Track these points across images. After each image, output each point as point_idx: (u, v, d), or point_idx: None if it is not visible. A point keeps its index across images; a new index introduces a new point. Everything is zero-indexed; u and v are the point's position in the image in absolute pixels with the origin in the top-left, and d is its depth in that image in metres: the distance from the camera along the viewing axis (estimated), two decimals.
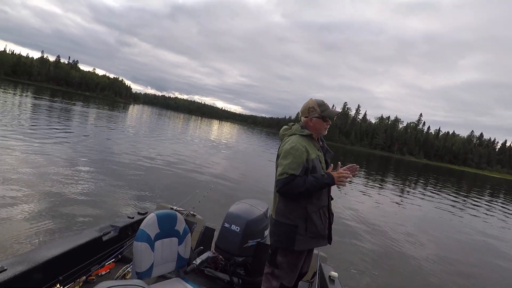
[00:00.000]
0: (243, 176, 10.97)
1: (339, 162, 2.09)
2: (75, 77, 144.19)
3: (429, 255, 6.08)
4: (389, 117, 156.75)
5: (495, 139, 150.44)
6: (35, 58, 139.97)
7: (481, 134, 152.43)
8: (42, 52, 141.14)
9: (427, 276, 5.08)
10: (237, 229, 2.69)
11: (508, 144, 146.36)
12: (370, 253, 5.60)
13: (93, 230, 2.39)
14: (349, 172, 1.93)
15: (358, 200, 10.57)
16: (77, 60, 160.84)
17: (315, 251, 2.66)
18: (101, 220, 4.38)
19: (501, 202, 20.33)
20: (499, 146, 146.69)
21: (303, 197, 1.92)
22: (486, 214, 13.44)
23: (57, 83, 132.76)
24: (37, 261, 1.79)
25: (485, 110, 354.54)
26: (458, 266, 5.90)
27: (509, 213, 15.19)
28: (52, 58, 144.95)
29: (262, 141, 40.23)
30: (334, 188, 2.00)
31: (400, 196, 14.06)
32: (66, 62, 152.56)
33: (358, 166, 2.04)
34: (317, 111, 2.06)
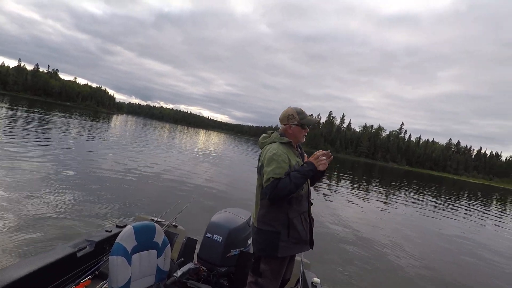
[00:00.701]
0: (227, 185, 10.87)
1: (305, 155, 2.19)
2: (55, 87, 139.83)
3: (412, 259, 6.15)
4: (372, 125, 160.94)
5: (471, 147, 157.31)
6: (11, 67, 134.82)
7: (458, 142, 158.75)
8: (19, 60, 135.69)
9: (410, 279, 5.13)
10: (219, 238, 2.64)
11: (483, 151, 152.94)
12: (353, 258, 5.62)
13: (67, 246, 2.26)
14: (324, 152, 2.01)
15: (342, 206, 10.66)
16: (57, 69, 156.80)
17: (298, 257, 2.65)
18: (77, 235, 4.20)
19: (478, 205, 21.13)
20: (475, 153, 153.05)
21: (287, 200, 1.94)
22: (465, 215, 13.86)
23: (35, 92, 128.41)
24: (4, 282, 1.68)
25: (462, 119, 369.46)
26: (440, 268, 5.99)
27: (485, 215, 15.82)
28: (30, 67, 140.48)
29: (249, 150, 40.19)
30: (314, 194, 2.01)
31: (384, 201, 14.28)
32: (45, 71, 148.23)
33: (329, 151, 2.10)
34: (296, 119, 2.12)
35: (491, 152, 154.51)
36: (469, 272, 6.28)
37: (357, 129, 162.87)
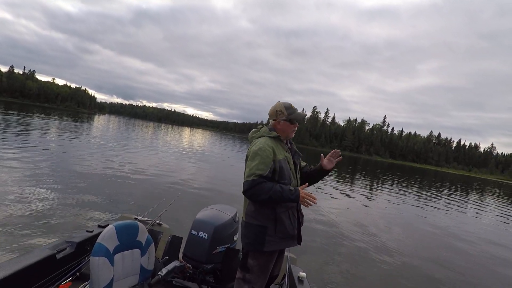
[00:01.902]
0: (213, 182, 10.81)
1: (322, 154, 2.22)
2: (32, 88, 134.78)
3: (396, 252, 6.30)
4: (356, 119, 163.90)
5: (451, 138, 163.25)
6: None
7: (439, 134, 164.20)
8: None
9: (394, 272, 5.25)
10: (205, 235, 2.61)
11: (462, 142, 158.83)
12: (339, 251, 5.72)
13: (46, 248, 2.18)
14: (316, 198, 1.94)
15: (328, 200, 10.80)
16: (33, 70, 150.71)
17: (285, 253, 2.66)
18: (57, 236, 4.07)
19: (458, 195, 21.99)
20: (454, 145, 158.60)
21: (266, 203, 1.93)
22: (446, 205, 14.36)
23: (11, 95, 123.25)
24: None
25: (442, 111, 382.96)
26: (425, 260, 6.17)
27: (465, 204, 16.47)
28: (4, 68, 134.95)
29: (235, 146, 40.09)
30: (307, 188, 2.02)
31: (368, 195, 14.58)
32: (21, 72, 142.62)
33: (339, 150, 2.19)
34: (285, 114, 2.11)
35: (470, 143, 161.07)
36: (452, 259, 6.50)
37: (341, 123, 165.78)
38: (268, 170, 1.90)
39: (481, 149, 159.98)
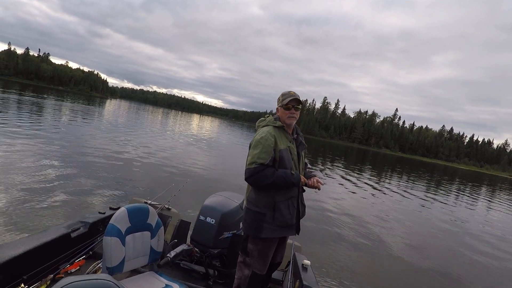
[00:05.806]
0: (221, 169, 10.93)
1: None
2: (47, 71, 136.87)
3: (400, 243, 6.34)
4: (366, 111, 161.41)
5: (464, 133, 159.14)
6: (0, 51, 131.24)
7: (451, 129, 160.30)
8: (9, 43, 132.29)
9: (396, 263, 5.30)
10: (212, 221, 2.68)
11: (475, 138, 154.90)
12: (344, 241, 5.78)
13: (61, 227, 2.29)
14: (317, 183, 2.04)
15: (335, 191, 10.83)
16: (48, 53, 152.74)
17: (290, 241, 2.71)
18: (71, 216, 4.23)
19: (468, 191, 21.65)
20: (467, 140, 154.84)
21: (270, 189, 1.97)
22: (455, 201, 14.21)
23: (26, 76, 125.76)
24: None
25: (456, 105, 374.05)
26: (428, 252, 6.19)
27: (475, 201, 16.24)
28: (20, 51, 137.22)
29: (244, 135, 40.17)
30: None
31: (376, 187, 14.51)
32: (36, 55, 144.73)
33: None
34: (280, 100, 2.14)
35: (483, 139, 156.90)
36: (454, 252, 6.50)
37: (351, 115, 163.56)
38: (269, 159, 1.94)
39: (495, 145, 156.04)
